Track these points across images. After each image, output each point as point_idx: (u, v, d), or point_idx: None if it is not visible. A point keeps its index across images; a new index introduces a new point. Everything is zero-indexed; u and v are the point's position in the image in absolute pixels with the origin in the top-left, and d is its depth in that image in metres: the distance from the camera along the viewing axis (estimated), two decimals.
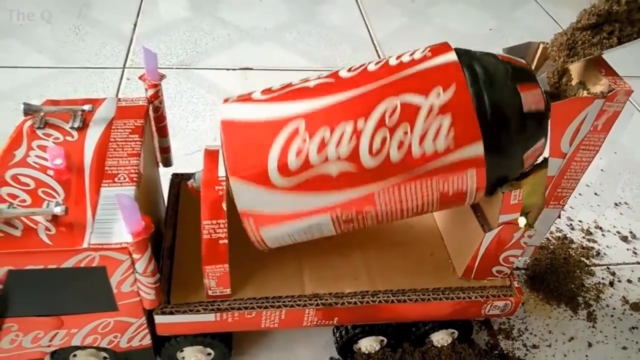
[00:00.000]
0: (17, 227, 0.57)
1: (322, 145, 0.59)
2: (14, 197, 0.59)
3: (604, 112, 0.63)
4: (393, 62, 0.62)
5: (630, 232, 1.08)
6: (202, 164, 0.65)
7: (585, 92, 0.64)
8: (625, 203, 1.15)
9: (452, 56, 0.60)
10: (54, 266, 0.58)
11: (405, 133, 0.58)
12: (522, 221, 0.68)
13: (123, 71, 1.35)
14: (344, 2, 1.78)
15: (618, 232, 1.07)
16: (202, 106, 1.27)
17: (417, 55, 0.62)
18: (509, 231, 0.68)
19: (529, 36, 1.68)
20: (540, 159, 0.67)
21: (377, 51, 1.55)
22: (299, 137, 0.59)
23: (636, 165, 1.26)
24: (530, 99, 0.60)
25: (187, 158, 1.08)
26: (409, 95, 0.58)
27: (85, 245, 0.56)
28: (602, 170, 1.23)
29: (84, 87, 1.28)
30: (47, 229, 0.57)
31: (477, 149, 0.58)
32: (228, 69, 1.41)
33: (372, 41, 1.60)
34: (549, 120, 0.62)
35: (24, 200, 0.59)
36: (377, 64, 0.62)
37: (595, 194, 1.16)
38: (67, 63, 1.36)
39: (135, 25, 1.54)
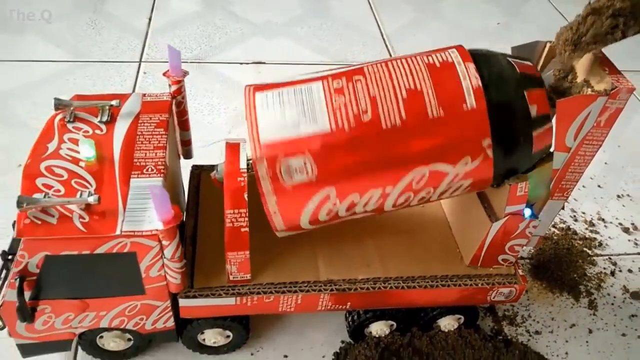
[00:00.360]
0: (53, 215, 0.61)
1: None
2: (49, 187, 0.63)
3: (606, 108, 0.66)
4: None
5: (632, 224, 1.11)
6: (222, 156, 0.69)
7: (589, 89, 0.67)
8: (628, 195, 1.18)
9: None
10: (88, 252, 0.62)
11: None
12: (527, 212, 0.72)
13: (139, 65, 1.38)
14: None
15: (620, 224, 1.11)
16: (217, 100, 1.30)
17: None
18: (515, 221, 0.71)
19: (536, 30, 1.72)
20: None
21: (386, 45, 1.58)
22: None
23: (639, 158, 1.29)
24: (540, 141, 0.65)
25: (203, 150, 1.12)
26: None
27: (117, 232, 0.61)
28: (605, 163, 1.26)
29: (102, 81, 1.32)
30: (81, 217, 0.61)
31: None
32: (241, 63, 1.44)
33: (382, 35, 1.63)
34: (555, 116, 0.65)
35: (59, 190, 0.63)
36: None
37: (599, 186, 1.19)
38: (85, 57, 1.40)
39: (150, 20, 1.58)
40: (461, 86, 0.62)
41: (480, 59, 0.65)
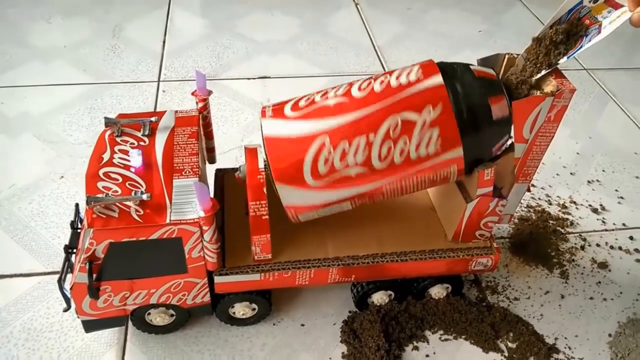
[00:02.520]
0: (114, 211, 0.77)
1: (344, 154, 0.78)
2: (108, 189, 0.79)
3: (554, 106, 0.81)
4: (394, 83, 0.80)
5: (601, 205, 1.26)
6: (241, 160, 0.85)
7: (538, 92, 0.83)
8: (597, 180, 1.33)
9: (439, 79, 0.78)
10: (143, 238, 0.78)
11: (405, 143, 0.78)
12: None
13: (158, 84, 1.55)
14: (348, 14, 1.98)
15: (590, 205, 1.26)
16: (229, 112, 1.46)
17: (412, 77, 0.79)
18: (485, 202, 0.87)
19: (515, 37, 1.89)
20: (508, 144, 0.86)
21: (378, 56, 1.74)
22: (325, 149, 0.78)
23: (608, 148, 1.44)
24: (498, 109, 0.79)
25: (221, 157, 1.28)
26: (407, 113, 0.77)
27: (167, 221, 0.76)
28: (577, 153, 1.41)
29: (127, 100, 1.48)
30: (137, 210, 0.77)
31: (458, 152, 0.79)
32: (248, 79, 1.61)
33: (374, 47, 1.79)
34: (512, 116, 0.81)
35: (116, 191, 0.79)
36: (381, 83, 0.80)
37: (571, 173, 1.35)
38: (109, 79, 1.56)
39: (164, 43, 1.74)
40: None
41: (450, 73, 0.80)
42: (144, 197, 0.77)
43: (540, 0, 2.15)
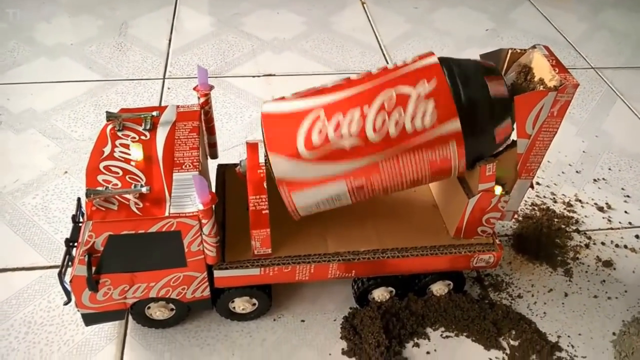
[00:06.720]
0: (113, 203, 0.77)
1: (338, 126, 0.78)
2: (108, 182, 0.79)
3: (557, 101, 0.81)
4: (390, 66, 0.81)
5: (606, 204, 1.25)
6: (242, 155, 0.85)
7: (542, 86, 0.82)
8: (603, 179, 1.32)
9: (434, 59, 0.79)
10: (142, 231, 0.78)
11: (400, 114, 0.77)
12: (498, 189, 0.87)
13: (163, 81, 1.55)
14: (354, 13, 1.98)
15: (595, 204, 1.25)
16: (234, 109, 1.46)
17: (408, 60, 0.81)
18: (487, 197, 0.86)
19: (522, 36, 1.87)
20: (509, 141, 0.85)
21: (384, 55, 1.73)
22: (319, 121, 0.78)
23: (615, 146, 1.43)
24: (495, 87, 0.79)
25: (225, 153, 1.28)
26: (401, 87, 0.78)
27: (166, 214, 0.76)
28: (583, 152, 1.40)
29: (132, 97, 1.49)
30: (137, 203, 0.77)
31: (455, 124, 0.77)
32: (254, 76, 1.61)
33: (380, 46, 1.78)
34: (514, 107, 0.80)
35: (116, 184, 0.79)
36: (378, 68, 0.82)
37: (577, 172, 1.33)
38: (114, 76, 1.57)
39: (170, 41, 1.75)
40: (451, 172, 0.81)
41: (454, 66, 0.80)
42: (144, 190, 0.77)
43: None
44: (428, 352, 0.93)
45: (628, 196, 1.27)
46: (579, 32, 1.95)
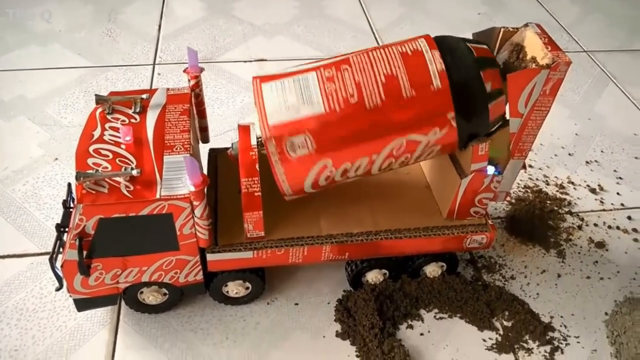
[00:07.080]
0: (104, 186, 0.76)
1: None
2: (98, 165, 0.78)
3: (549, 79, 0.80)
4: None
5: (599, 185, 1.25)
6: (234, 138, 0.84)
7: (534, 64, 0.82)
8: (596, 161, 1.32)
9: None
10: (134, 214, 0.77)
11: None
12: (490, 169, 0.87)
13: (154, 67, 1.54)
14: None
15: (588, 186, 1.25)
16: (225, 94, 1.45)
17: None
18: (480, 177, 0.86)
19: (515, 19, 1.86)
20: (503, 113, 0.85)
21: (376, 39, 1.72)
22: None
23: (607, 129, 1.43)
24: (479, 50, 0.80)
25: (216, 139, 1.27)
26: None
27: (157, 196, 0.76)
28: (576, 134, 1.40)
29: (122, 83, 1.47)
30: (127, 186, 0.76)
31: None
32: (245, 61, 1.59)
33: (372, 31, 1.77)
34: (507, 86, 0.80)
35: (106, 167, 0.78)
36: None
37: (569, 154, 1.33)
38: (104, 62, 1.55)
39: (159, 26, 1.73)
40: (428, 70, 0.77)
41: (444, 45, 0.80)
42: (134, 172, 0.76)
43: None
44: (422, 334, 0.93)
45: (620, 178, 1.28)
46: (571, 16, 1.95)
